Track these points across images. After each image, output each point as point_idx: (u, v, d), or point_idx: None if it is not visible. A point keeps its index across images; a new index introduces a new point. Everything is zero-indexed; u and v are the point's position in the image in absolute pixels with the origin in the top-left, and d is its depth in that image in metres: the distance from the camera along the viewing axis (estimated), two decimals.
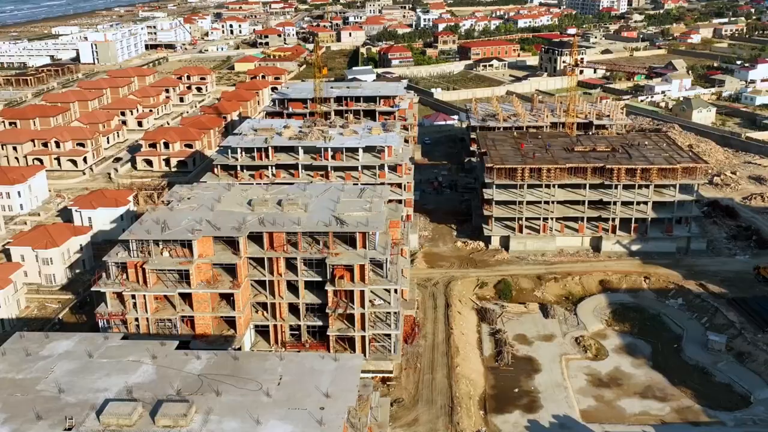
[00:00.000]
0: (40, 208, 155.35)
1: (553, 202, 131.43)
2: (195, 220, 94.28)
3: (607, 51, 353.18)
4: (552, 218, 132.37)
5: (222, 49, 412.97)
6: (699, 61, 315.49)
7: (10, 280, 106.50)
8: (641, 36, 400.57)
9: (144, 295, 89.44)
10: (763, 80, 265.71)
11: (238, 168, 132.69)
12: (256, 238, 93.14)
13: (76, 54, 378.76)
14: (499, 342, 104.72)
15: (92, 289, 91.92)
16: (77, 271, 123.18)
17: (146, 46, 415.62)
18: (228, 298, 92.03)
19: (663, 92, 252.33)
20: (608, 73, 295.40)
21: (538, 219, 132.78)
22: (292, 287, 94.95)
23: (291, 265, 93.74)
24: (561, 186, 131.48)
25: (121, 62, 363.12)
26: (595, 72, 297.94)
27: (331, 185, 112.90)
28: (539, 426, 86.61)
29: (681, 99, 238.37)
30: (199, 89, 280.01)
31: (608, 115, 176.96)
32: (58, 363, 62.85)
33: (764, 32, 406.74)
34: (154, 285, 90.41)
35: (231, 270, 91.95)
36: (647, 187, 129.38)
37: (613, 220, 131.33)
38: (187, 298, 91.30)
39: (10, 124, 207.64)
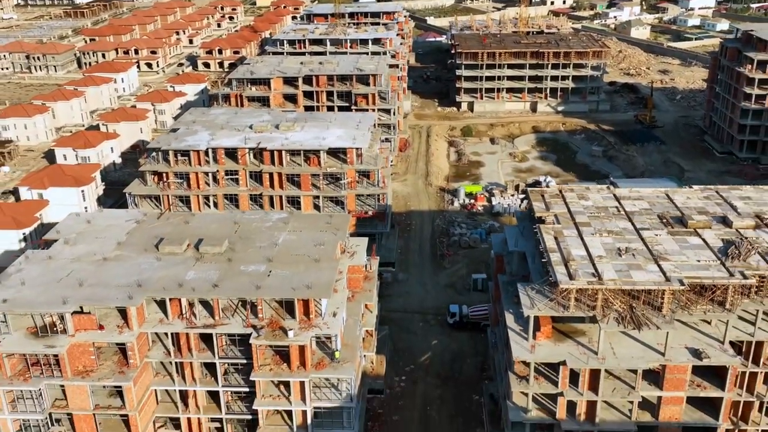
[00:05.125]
0: (136, 91, 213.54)
1: (503, 77, 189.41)
2: (269, 71, 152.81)
3: None
4: (503, 89, 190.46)
5: None
6: None
7: (147, 116, 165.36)
8: None
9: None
10: (700, 8, 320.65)
11: (284, 54, 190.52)
12: (307, 80, 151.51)
13: None
14: (460, 153, 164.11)
15: None
16: None
17: None
18: None
19: (614, 17, 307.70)
20: (575, 3, 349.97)
21: (493, 90, 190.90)
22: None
23: (328, 98, 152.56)
24: (509, 66, 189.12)
25: None
26: (564, 3, 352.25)
27: (352, 56, 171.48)
28: (480, 183, 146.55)
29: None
30: (231, 18, 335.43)
31: (557, 27, 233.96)
32: (219, 115, 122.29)
33: None
34: (246, 107, 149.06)
35: (292, 98, 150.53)
36: (568, 66, 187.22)
37: (546, 89, 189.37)
38: None
39: (91, 40, 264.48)
